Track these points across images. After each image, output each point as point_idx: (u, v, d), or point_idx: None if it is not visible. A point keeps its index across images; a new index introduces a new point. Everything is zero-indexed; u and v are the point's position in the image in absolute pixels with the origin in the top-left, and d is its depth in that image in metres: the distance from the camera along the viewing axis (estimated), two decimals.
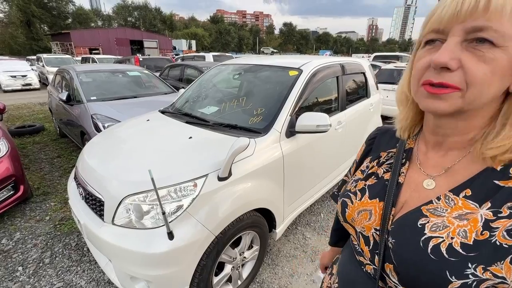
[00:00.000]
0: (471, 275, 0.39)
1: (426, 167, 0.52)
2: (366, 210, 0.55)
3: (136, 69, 4.81)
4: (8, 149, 2.54)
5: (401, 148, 0.57)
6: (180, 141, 1.76)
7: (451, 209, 0.44)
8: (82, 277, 1.91)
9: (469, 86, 0.39)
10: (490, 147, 0.42)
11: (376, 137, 0.67)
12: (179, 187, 1.37)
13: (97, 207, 1.52)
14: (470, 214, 0.42)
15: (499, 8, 0.36)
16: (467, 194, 0.44)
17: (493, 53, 0.37)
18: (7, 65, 11.12)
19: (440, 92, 0.41)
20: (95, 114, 3.20)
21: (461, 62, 0.39)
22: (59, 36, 33.33)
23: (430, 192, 0.49)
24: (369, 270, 0.56)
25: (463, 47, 0.39)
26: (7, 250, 2.17)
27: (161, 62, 9.84)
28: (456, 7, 0.38)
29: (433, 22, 0.42)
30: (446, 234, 0.42)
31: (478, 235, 0.40)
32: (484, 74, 0.38)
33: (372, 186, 0.58)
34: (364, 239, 0.55)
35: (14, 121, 6.07)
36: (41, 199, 2.90)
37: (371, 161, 0.63)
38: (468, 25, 0.38)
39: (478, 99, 0.40)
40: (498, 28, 0.36)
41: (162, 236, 1.28)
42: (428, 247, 0.43)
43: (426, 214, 0.46)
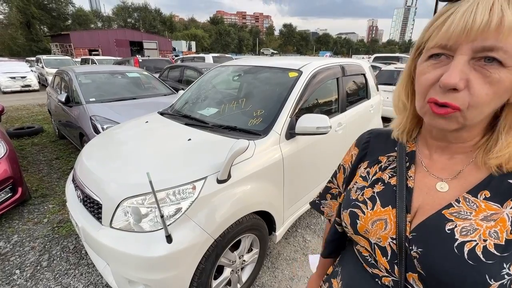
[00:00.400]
0: (506, 275, 0.39)
1: (434, 170, 0.51)
2: (381, 219, 0.52)
3: (136, 71, 4.80)
4: (6, 151, 2.52)
5: (402, 151, 0.56)
6: (179, 143, 1.75)
7: (475, 211, 0.44)
8: (80, 281, 1.89)
9: (470, 107, 0.40)
10: (492, 157, 0.43)
11: (370, 141, 0.64)
12: (177, 190, 1.35)
13: (95, 209, 1.50)
14: (495, 215, 0.42)
15: (510, 27, 0.35)
16: (486, 195, 0.44)
17: (499, 74, 0.37)
18: (7, 66, 11.12)
19: (443, 113, 0.41)
20: (94, 115, 3.19)
21: (468, 83, 0.39)
22: (58, 38, 33.36)
23: (445, 195, 0.48)
24: (386, 282, 0.53)
25: (470, 66, 0.39)
26: (4, 253, 2.15)
27: (160, 64, 9.84)
28: (466, 24, 0.37)
29: (440, 37, 0.41)
30: (478, 237, 0.42)
31: (509, 234, 0.40)
32: (487, 95, 0.39)
33: (382, 193, 0.55)
34: (381, 250, 0.52)
35: (13, 122, 6.05)
36: (39, 201, 2.89)
37: (370, 166, 0.60)
38: (478, 44, 0.37)
39: (478, 117, 0.42)
40: (509, 48, 0.36)
41: (161, 240, 1.26)
42: (464, 252, 0.42)
43: (451, 218, 0.45)
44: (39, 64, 13.24)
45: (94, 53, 29.97)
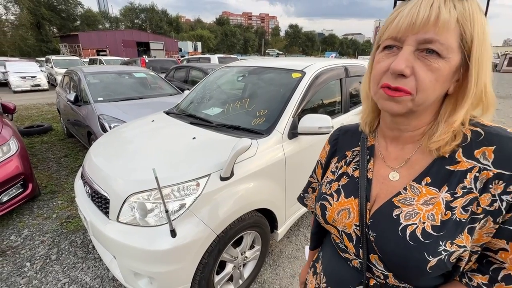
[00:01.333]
0: (443, 251, 0.46)
1: (389, 160, 0.57)
2: (345, 209, 0.59)
3: (142, 71, 4.89)
4: (18, 148, 2.61)
5: (364, 145, 0.62)
6: (184, 141, 1.80)
7: (417, 197, 0.50)
8: (87, 274, 1.95)
9: (418, 91, 0.45)
10: (433, 141, 0.49)
11: (339, 138, 0.70)
12: (182, 186, 1.40)
13: (103, 204, 1.56)
14: (434, 199, 0.49)
15: (445, 23, 0.42)
16: (428, 181, 0.50)
17: (438, 63, 0.43)
18: (17, 66, 11.40)
19: (395, 95, 0.46)
20: (102, 114, 3.27)
21: (414, 70, 0.45)
22: (67, 38, 33.94)
23: (396, 184, 0.54)
24: (355, 264, 0.60)
25: (415, 56, 0.45)
26: (15, 246, 2.23)
27: (167, 64, 9.96)
28: (411, 19, 0.43)
29: (392, 30, 0.47)
30: (418, 220, 0.48)
31: (443, 215, 0.47)
32: (430, 81, 0.44)
33: (346, 186, 0.61)
34: (347, 236, 0.59)
35: (23, 121, 6.21)
36: (48, 197, 2.97)
37: (339, 161, 0.66)
38: (420, 36, 0.43)
39: (425, 102, 0.47)
40: (444, 41, 0.42)
41: (165, 234, 1.31)
42: (406, 234, 0.48)
43: (398, 205, 0.51)
44: (49, 64, 13.53)
45: (101, 53, 30.42)
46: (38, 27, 38.85)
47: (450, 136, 0.48)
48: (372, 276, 0.56)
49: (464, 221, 0.46)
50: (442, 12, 0.42)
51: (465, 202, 0.46)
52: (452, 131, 0.48)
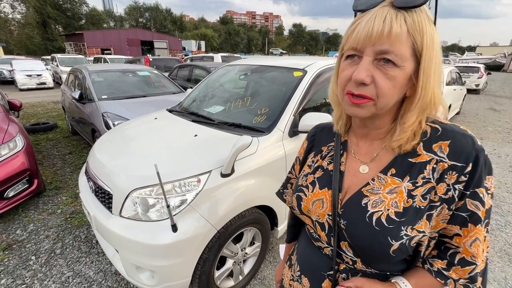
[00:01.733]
0: (404, 235, 0.51)
1: (359, 155, 0.62)
2: (319, 199, 0.63)
3: (146, 69, 4.93)
4: (24, 145, 2.66)
5: (338, 141, 0.66)
6: (185, 138, 1.82)
7: (383, 186, 0.55)
8: (91, 268, 1.99)
9: (379, 97, 0.50)
10: (393, 140, 0.54)
11: (316, 134, 0.74)
12: (183, 182, 1.42)
13: (106, 200, 1.59)
14: (397, 188, 0.54)
15: (397, 35, 0.46)
16: (392, 172, 0.56)
17: (394, 72, 0.48)
18: (23, 64, 11.54)
19: (359, 102, 0.51)
20: (106, 112, 3.31)
21: (373, 78, 0.49)
22: (72, 37, 34.25)
23: (366, 176, 0.59)
24: (327, 252, 0.65)
25: (374, 65, 0.49)
26: (21, 240, 2.28)
27: (170, 63, 10.02)
28: (368, 32, 0.47)
29: (352, 42, 0.51)
30: (383, 207, 0.53)
31: (405, 203, 0.52)
32: (389, 88, 0.49)
33: (320, 178, 0.66)
34: (320, 225, 0.64)
35: (29, 118, 6.30)
36: (53, 193, 3.03)
37: (315, 156, 0.71)
38: (377, 48, 0.48)
39: (386, 106, 0.52)
40: (398, 52, 0.47)
41: (167, 229, 1.34)
42: (372, 221, 0.53)
43: (366, 194, 0.57)
44: (54, 62, 13.68)
45: (106, 52, 30.63)
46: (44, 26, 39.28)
47: (410, 135, 0.53)
48: (342, 262, 0.62)
49: (423, 208, 0.51)
50: (394, 26, 0.46)
51: (424, 190, 0.52)
52: (411, 130, 0.52)
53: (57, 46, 39.24)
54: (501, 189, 3.34)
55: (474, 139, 0.52)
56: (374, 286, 0.57)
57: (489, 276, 2.00)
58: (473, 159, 0.50)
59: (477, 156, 0.50)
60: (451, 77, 6.05)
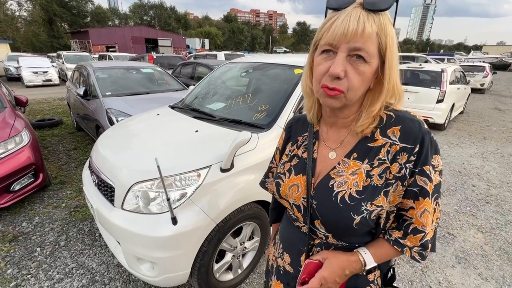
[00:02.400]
0: (364, 210, 0.59)
1: (329, 143, 0.70)
2: (294, 184, 0.71)
3: (150, 67, 4.97)
4: (30, 140, 2.72)
5: (311, 131, 0.74)
6: (186, 134, 1.85)
7: (347, 169, 0.63)
8: (94, 260, 2.04)
9: (349, 90, 0.56)
10: (358, 125, 0.62)
11: (292, 125, 0.81)
12: (183, 176, 1.46)
13: (109, 193, 1.63)
14: (358, 170, 0.62)
15: (369, 35, 0.52)
16: (354, 156, 0.64)
17: (364, 67, 0.55)
18: (30, 61, 11.67)
19: (333, 94, 0.57)
20: (110, 108, 3.36)
21: (346, 72, 0.55)
22: (78, 34, 34.48)
23: (333, 161, 0.67)
24: (304, 230, 0.73)
25: (347, 61, 0.55)
26: (27, 232, 2.34)
27: (174, 60, 10.07)
28: (344, 30, 0.53)
29: (328, 37, 0.56)
30: (346, 187, 0.61)
31: (364, 182, 0.60)
32: (358, 82, 0.56)
33: (296, 165, 0.73)
34: (297, 207, 0.71)
35: (35, 114, 6.39)
36: (58, 188, 3.09)
37: (292, 145, 0.78)
38: (351, 45, 0.53)
39: (354, 98, 0.59)
40: (368, 50, 0.53)
41: (167, 221, 1.37)
42: (337, 199, 0.61)
43: (333, 176, 0.64)
44: (60, 59, 13.80)
45: (111, 49, 30.80)
46: (50, 23, 39.60)
47: (370, 120, 0.61)
48: (317, 237, 0.70)
49: (380, 185, 0.59)
50: (366, 26, 0.52)
51: (380, 171, 0.60)
52: (372, 116, 0.60)
53: (62, 44, 39.56)
54: (503, 188, 3.33)
55: (421, 123, 0.59)
56: (338, 255, 0.65)
57: (487, 274, 2.00)
58: (420, 140, 0.58)
59: (423, 138, 0.58)
60: (455, 76, 5.99)
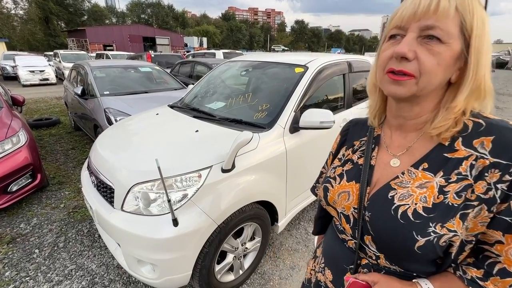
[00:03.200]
0: (432, 232, 0.48)
1: (392, 148, 0.61)
2: (345, 191, 0.63)
3: (148, 65, 4.93)
4: (27, 140, 2.68)
5: (371, 136, 0.66)
6: (187, 134, 1.83)
7: (413, 180, 0.53)
8: (93, 261, 2.02)
9: (421, 74, 0.48)
10: (434, 127, 0.52)
11: (349, 129, 0.74)
12: (184, 177, 1.44)
13: (108, 194, 1.61)
14: (428, 183, 0.51)
15: (445, 10, 0.45)
16: (425, 167, 0.53)
17: (439, 48, 0.47)
18: (26, 60, 11.57)
19: (400, 79, 0.49)
20: (108, 108, 3.32)
21: (416, 54, 0.48)
22: (75, 33, 34.20)
23: (396, 169, 0.57)
24: (351, 245, 0.64)
25: (418, 42, 0.48)
26: (25, 233, 2.31)
27: (172, 59, 10.00)
28: (413, 8, 0.47)
29: (396, 20, 0.51)
30: (411, 201, 0.51)
31: (435, 198, 0.50)
32: (432, 64, 0.47)
33: (349, 171, 0.65)
34: (345, 218, 0.63)
35: (32, 114, 6.33)
36: (56, 188, 3.06)
37: (347, 149, 0.71)
38: (422, 23, 0.47)
39: (428, 86, 0.49)
40: (444, 27, 0.46)
41: (168, 223, 1.35)
42: (398, 213, 0.51)
43: (394, 187, 0.55)
44: (57, 58, 13.70)
45: (108, 48, 30.59)
46: (46, 22, 39.26)
47: (451, 123, 0.50)
48: (365, 256, 0.60)
49: (457, 206, 0.48)
50: (442, 0, 0.45)
51: (459, 188, 0.48)
52: (454, 118, 0.50)
53: (59, 42, 39.24)
54: None
55: None
56: (392, 282, 0.54)
57: None
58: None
59: None
60: None
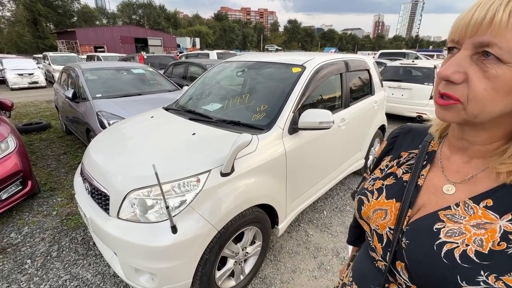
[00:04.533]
0: (482, 282, 0.40)
1: (448, 172, 0.52)
2: (382, 209, 0.56)
3: (141, 67, 4.84)
4: (16, 146, 2.59)
5: (424, 149, 0.57)
6: (183, 137, 1.78)
7: (469, 217, 0.45)
8: (89, 270, 1.95)
9: (469, 100, 0.41)
10: (502, 162, 0.43)
11: (399, 136, 0.66)
12: (182, 182, 1.39)
13: (103, 201, 1.55)
14: (489, 224, 0.42)
15: (503, 23, 0.36)
16: (488, 204, 0.44)
17: (496, 69, 0.38)
18: (14, 63, 11.29)
19: (445, 103, 0.43)
20: (101, 111, 3.24)
21: (467, 75, 0.40)
22: (64, 35, 33.61)
23: (449, 198, 0.49)
24: (380, 266, 0.58)
25: (472, 61, 0.40)
26: (16, 243, 2.22)
27: (165, 60, 9.88)
28: (466, 21, 0.40)
29: (450, 33, 0.44)
30: (461, 241, 0.43)
31: (495, 245, 0.41)
32: (485, 90, 0.39)
33: (390, 186, 0.58)
34: (378, 236, 0.57)
35: (21, 118, 6.17)
36: (48, 195, 2.96)
37: (391, 160, 0.63)
38: (476, 39, 0.39)
39: (482, 114, 0.41)
40: (503, 44, 0.37)
41: (166, 230, 1.30)
42: (441, 251, 0.44)
43: (443, 219, 0.47)
44: (46, 61, 13.40)
45: (99, 50, 30.14)
46: (35, 24, 38.49)
47: None
48: (394, 282, 0.54)
49: None
50: (499, 12, 0.37)
51: None
52: None
53: (48, 44, 38.52)
54: None
55: None
56: None
57: None
58: None
59: None
60: None
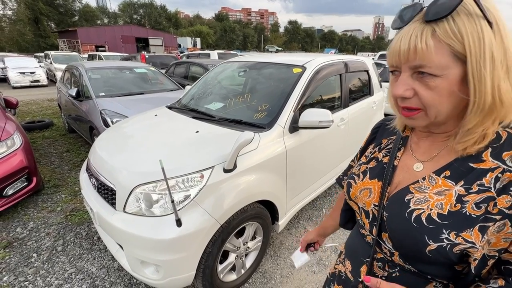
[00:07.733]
0: (445, 239, 0.48)
1: (417, 153, 0.61)
2: (367, 188, 0.65)
3: (143, 66, 4.90)
4: (22, 143, 2.65)
5: (399, 136, 0.66)
6: (187, 135, 1.83)
7: (432, 186, 0.54)
8: (93, 264, 2.00)
9: (426, 107, 0.50)
10: (457, 142, 0.52)
11: (381, 127, 0.76)
12: (186, 178, 1.44)
13: (109, 196, 1.60)
14: (447, 191, 0.52)
15: (424, 50, 0.46)
16: (446, 174, 0.53)
17: (434, 82, 0.47)
18: (16, 62, 11.34)
19: (410, 114, 0.52)
20: (104, 109, 3.29)
21: (415, 90, 0.50)
22: (66, 34, 33.65)
23: (418, 174, 0.58)
24: (369, 240, 0.67)
25: (414, 78, 0.50)
26: (22, 238, 2.27)
27: (167, 60, 9.95)
28: (398, 51, 0.49)
29: (389, 60, 0.53)
30: (426, 206, 0.52)
31: (452, 206, 0.50)
32: (432, 98, 0.48)
33: (373, 169, 0.67)
34: (365, 213, 0.66)
35: (24, 116, 6.22)
36: (52, 191, 3.02)
37: (374, 147, 0.72)
38: (410, 64, 0.49)
39: (440, 114, 0.50)
40: (431, 64, 0.46)
41: (171, 224, 1.36)
42: (411, 217, 0.53)
43: (412, 191, 0.56)
44: (48, 60, 13.45)
45: (100, 49, 30.17)
46: (36, 22, 38.52)
47: (478, 137, 0.49)
48: (381, 251, 0.63)
49: (475, 217, 0.47)
50: (418, 44, 0.46)
51: (479, 199, 0.47)
52: (480, 132, 0.48)
53: (50, 43, 38.56)
54: None
55: None
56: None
57: None
58: None
59: None
60: None
